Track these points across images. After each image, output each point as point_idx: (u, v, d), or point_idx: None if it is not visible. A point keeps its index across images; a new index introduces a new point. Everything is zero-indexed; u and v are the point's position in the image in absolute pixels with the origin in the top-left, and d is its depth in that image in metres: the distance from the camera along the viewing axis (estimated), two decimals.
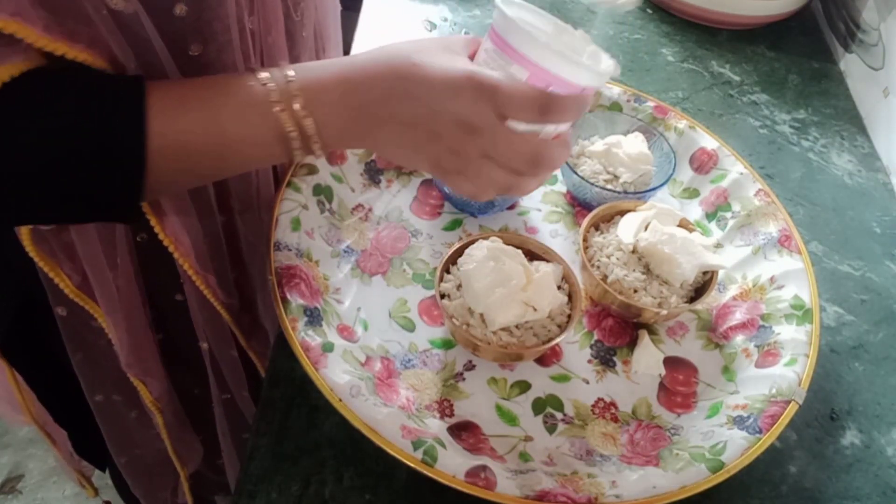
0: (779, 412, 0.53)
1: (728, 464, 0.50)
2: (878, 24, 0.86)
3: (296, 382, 0.57)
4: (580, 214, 0.69)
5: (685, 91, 0.87)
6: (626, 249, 0.60)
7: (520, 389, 0.57)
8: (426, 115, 0.44)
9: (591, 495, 0.48)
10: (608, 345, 0.61)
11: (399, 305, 0.61)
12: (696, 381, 0.59)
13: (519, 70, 0.44)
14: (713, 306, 0.63)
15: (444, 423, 0.54)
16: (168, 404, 0.71)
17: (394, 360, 0.57)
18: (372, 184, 0.69)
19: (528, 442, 0.54)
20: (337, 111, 0.45)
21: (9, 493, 1.36)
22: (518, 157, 0.45)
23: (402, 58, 0.44)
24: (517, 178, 0.46)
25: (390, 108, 0.44)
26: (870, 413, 0.61)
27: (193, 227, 0.56)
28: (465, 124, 0.43)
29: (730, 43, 0.95)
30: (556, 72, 0.44)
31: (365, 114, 0.45)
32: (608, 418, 0.56)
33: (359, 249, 0.64)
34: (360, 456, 0.53)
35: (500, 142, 0.44)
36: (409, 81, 0.43)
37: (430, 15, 0.93)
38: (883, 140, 0.83)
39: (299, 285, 0.57)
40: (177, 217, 0.54)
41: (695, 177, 0.71)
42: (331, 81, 0.44)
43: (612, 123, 0.71)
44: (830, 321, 0.66)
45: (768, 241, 0.64)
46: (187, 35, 0.45)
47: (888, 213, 0.77)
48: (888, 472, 0.57)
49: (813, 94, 0.89)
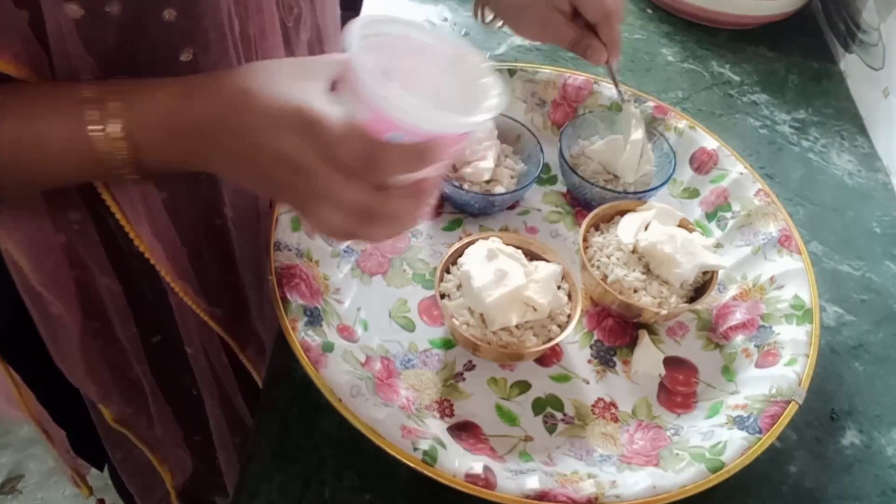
0: (779, 412, 0.53)
1: (728, 464, 0.50)
2: (878, 24, 0.86)
3: (296, 382, 0.57)
4: (580, 214, 0.69)
5: (685, 91, 0.87)
6: (626, 249, 0.60)
7: (520, 389, 0.57)
8: (250, 151, 0.41)
9: (591, 495, 0.48)
10: (608, 345, 0.61)
11: (399, 305, 0.61)
12: (696, 381, 0.59)
13: (361, 109, 0.40)
14: (713, 306, 0.63)
15: (444, 423, 0.54)
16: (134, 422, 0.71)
17: (394, 360, 0.58)
18: None
19: (528, 442, 0.54)
20: (158, 136, 0.42)
21: (9, 493, 1.36)
22: (348, 206, 0.40)
23: (235, 85, 0.41)
24: (359, 227, 0.41)
25: (215, 139, 0.42)
26: (870, 413, 0.61)
27: (168, 233, 0.55)
28: (289, 163, 0.40)
29: (730, 43, 0.95)
30: (397, 117, 0.39)
31: (189, 141, 0.42)
32: (608, 418, 0.56)
33: (359, 249, 0.64)
34: (360, 456, 0.53)
35: (330, 185, 0.40)
36: (233, 113, 0.41)
37: (430, 15, 0.93)
38: (883, 140, 0.83)
39: (299, 285, 0.57)
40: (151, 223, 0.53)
41: (695, 177, 0.71)
42: (155, 105, 0.42)
43: (612, 123, 0.71)
44: (830, 321, 0.66)
45: (768, 241, 0.64)
46: (177, 40, 0.44)
47: (888, 213, 0.77)
48: (888, 472, 0.57)
49: (813, 94, 0.89)
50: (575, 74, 0.75)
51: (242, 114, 0.40)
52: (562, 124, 0.72)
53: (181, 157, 0.44)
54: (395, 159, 0.39)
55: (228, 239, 0.61)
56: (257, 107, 0.40)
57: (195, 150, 0.43)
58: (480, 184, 0.65)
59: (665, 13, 0.98)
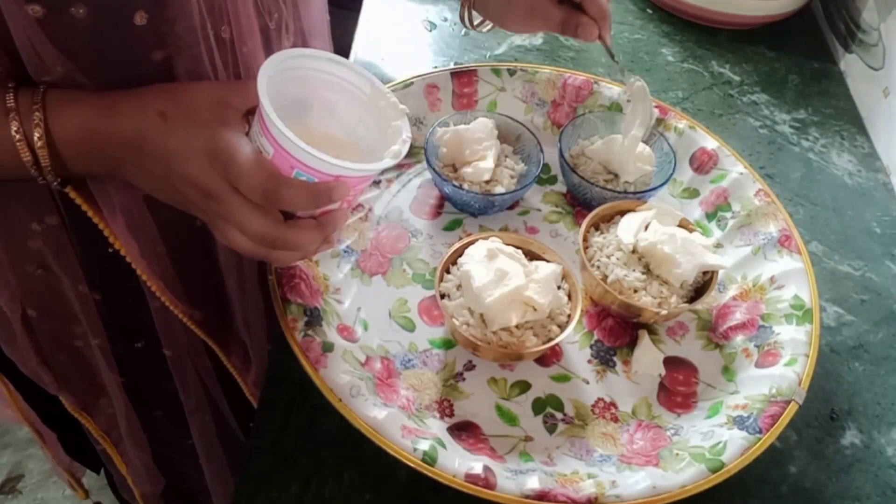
0: (779, 412, 0.53)
1: (728, 464, 0.50)
2: (878, 24, 0.86)
3: (296, 382, 0.57)
4: (580, 214, 0.69)
5: (685, 91, 0.87)
6: (626, 249, 0.60)
7: (520, 389, 0.57)
8: (163, 172, 0.44)
9: (591, 495, 0.48)
10: (608, 345, 0.61)
11: (399, 305, 0.61)
12: (696, 381, 0.59)
13: (267, 145, 0.43)
14: (713, 306, 0.63)
15: (444, 423, 0.54)
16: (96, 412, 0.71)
17: (394, 360, 0.58)
18: (372, 184, 0.69)
19: (528, 442, 0.54)
20: (77, 149, 0.44)
21: (9, 493, 1.36)
22: (253, 234, 0.44)
23: (154, 107, 0.43)
24: (265, 252, 0.45)
25: (131, 156, 0.44)
26: (870, 413, 0.61)
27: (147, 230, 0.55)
28: (199, 188, 0.43)
29: (730, 43, 0.95)
30: (297, 156, 0.42)
31: (108, 155, 0.45)
32: (608, 418, 0.56)
33: (359, 249, 0.64)
34: (360, 456, 0.53)
35: (235, 212, 0.43)
36: (150, 135, 0.43)
37: (430, 15, 0.93)
38: (883, 140, 0.83)
39: (299, 285, 0.57)
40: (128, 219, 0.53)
41: (695, 177, 0.71)
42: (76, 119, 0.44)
43: (612, 123, 0.71)
44: (830, 321, 0.66)
45: (768, 241, 0.64)
46: (151, 43, 0.45)
47: (888, 213, 0.77)
48: (888, 472, 0.57)
49: (813, 94, 0.89)
50: (575, 74, 0.75)
51: (155, 140, 0.43)
52: (562, 124, 0.72)
53: (101, 168, 0.46)
54: (296, 197, 0.43)
55: (210, 240, 0.60)
56: (171, 132, 0.43)
57: (113, 163, 0.45)
58: (480, 184, 0.65)
59: (665, 13, 0.98)
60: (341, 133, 0.50)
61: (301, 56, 0.47)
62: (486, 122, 0.67)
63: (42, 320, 0.61)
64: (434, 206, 0.68)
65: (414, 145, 0.72)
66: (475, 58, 0.87)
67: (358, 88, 0.49)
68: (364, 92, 0.50)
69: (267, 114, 0.41)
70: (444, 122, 0.68)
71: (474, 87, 0.74)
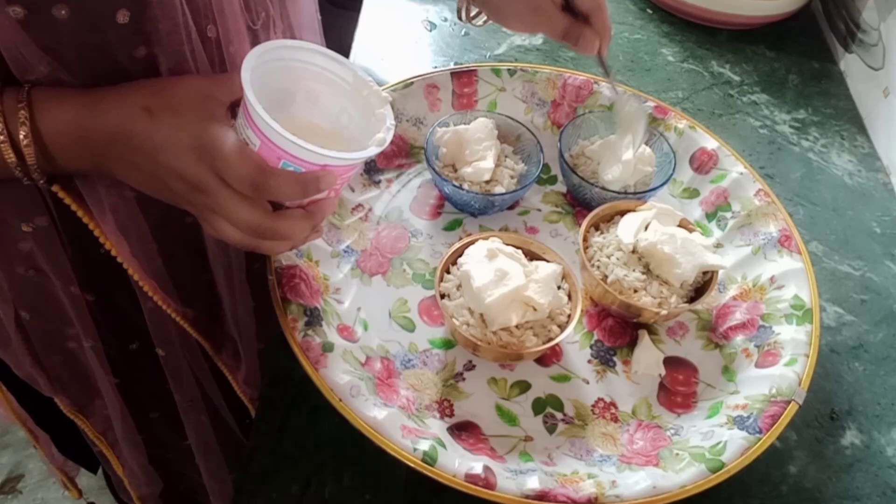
0: (779, 412, 0.53)
1: (728, 464, 0.50)
2: (878, 24, 0.86)
3: (296, 382, 0.57)
4: (580, 214, 0.69)
5: (685, 91, 0.87)
6: (626, 249, 0.60)
7: (520, 389, 0.57)
8: (151, 166, 0.44)
9: (591, 495, 0.48)
10: (608, 345, 0.61)
11: (399, 305, 0.61)
12: (696, 381, 0.59)
13: (253, 137, 0.43)
14: (713, 306, 0.63)
15: (444, 423, 0.54)
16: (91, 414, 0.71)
17: (394, 360, 0.58)
18: (372, 184, 0.69)
19: (528, 442, 0.54)
20: (63, 145, 0.44)
21: (9, 493, 1.36)
22: (242, 224, 0.44)
23: (140, 102, 0.44)
24: (255, 242, 0.46)
25: (118, 151, 0.44)
26: (870, 413, 0.61)
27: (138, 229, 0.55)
28: (187, 181, 0.43)
29: (730, 43, 0.95)
30: (284, 147, 0.43)
31: (94, 151, 0.45)
32: (608, 418, 0.56)
33: (359, 249, 0.64)
34: (360, 456, 0.53)
35: (224, 204, 0.43)
36: (136, 130, 0.43)
37: (430, 15, 0.93)
38: (883, 140, 0.83)
39: (299, 285, 0.57)
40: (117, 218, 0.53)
41: (695, 177, 0.71)
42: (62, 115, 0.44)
43: (612, 123, 0.71)
44: (830, 321, 0.66)
45: (768, 241, 0.64)
46: (134, 42, 0.45)
47: (888, 213, 0.77)
48: (888, 472, 0.57)
49: (813, 94, 0.89)
50: (575, 74, 0.75)
51: (144, 131, 0.43)
52: (562, 124, 0.72)
53: (88, 165, 0.46)
54: (285, 187, 0.43)
55: (201, 237, 0.61)
56: (159, 127, 0.43)
57: (100, 159, 0.45)
58: (480, 184, 0.65)
59: (665, 13, 0.98)
60: (325, 123, 0.51)
61: (283, 47, 0.47)
62: (486, 122, 0.67)
63: (35, 322, 0.61)
64: (434, 206, 0.68)
65: (414, 145, 0.72)
66: (475, 58, 0.88)
67: (340, 78, 0.50)
68: (347, 81, 0.50)
69: (252, 106, 0.41)
70: (444, 122, 0.68)
71: (474, 87, 0.74)
